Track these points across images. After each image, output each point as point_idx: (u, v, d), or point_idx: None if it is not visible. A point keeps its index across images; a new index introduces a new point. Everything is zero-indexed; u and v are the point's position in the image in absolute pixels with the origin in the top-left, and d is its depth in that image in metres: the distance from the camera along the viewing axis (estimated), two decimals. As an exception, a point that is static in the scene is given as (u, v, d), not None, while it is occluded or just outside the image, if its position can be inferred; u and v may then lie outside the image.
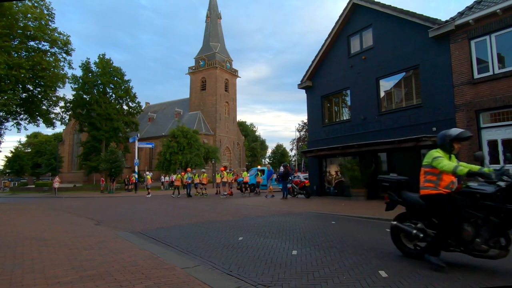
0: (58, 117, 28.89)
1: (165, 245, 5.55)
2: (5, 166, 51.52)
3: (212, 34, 54.99)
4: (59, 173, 37.86)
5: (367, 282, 3.45)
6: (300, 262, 4.32)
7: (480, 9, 10.00)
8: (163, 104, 61.16)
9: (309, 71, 16.86)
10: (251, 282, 3.51)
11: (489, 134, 9.93)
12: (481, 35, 10.04)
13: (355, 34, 14.82)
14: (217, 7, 57.42)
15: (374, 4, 13.59)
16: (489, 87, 9.80)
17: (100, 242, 5.60)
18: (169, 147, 35.42)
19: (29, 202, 19.28)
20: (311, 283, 3.46)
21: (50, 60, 24.51)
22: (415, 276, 3.61)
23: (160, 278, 3.47)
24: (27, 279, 3.47)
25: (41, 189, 37.71)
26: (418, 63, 11.91)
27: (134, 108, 43.22)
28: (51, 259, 4.40)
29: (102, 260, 4.27)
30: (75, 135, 55.90)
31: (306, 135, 46.52)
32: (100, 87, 39.64)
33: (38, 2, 23.39)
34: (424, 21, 11.52)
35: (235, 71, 56.85)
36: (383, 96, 13.63)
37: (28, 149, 59.31)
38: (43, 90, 24.67)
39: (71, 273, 3.70)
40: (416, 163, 12.16)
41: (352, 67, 14.67)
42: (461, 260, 4.20)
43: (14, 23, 21.62)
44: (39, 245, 5.39)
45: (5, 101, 20.75)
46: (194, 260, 4.43)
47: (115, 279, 3.44)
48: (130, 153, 41.12)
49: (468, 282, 3.38)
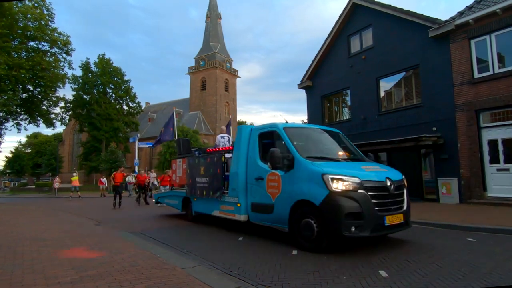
0: (58, 117, 28.92)
1: (165, 245, 5.55)
2: (5, 167, 51.58)
3: (212, 34, 54.96)
4: (59, 173, 37.85)
5: (367, 282, 3.44)
6: (300, 262, 4.32)
7: (480, 8, 9.99)
8: (163, 104, 61.13)
9: (309, 71, 16.85)
10: (251, 282, 3.51)
11: (489, 134, 9.92)
12: (481, 35, 10.03)
13: (355, 34, 14.81)
14: (217, 7, 57.42)
15: (374, 4, 13.58)
16: (489, 87, 9.79)
17: (100, 242, 5.60)
18: (169, 147, 35.43)
19: (29, 203, 19.28)
20: (311, 283, 3.46)
21: (50, 60, 24.51)
22: (415, 275, 3.61)
23: (160, 278, 3.46)
24: (27, 280, 3.47)
25: (41, 190, 37.72)
26: (418, 63, 11.90)
27: (134, 108, 43.24)
28: (51, 259, 4.40)
29: (102, 260, 4.27)
30: (75, 135, 55.90)
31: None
32: (100, 87, 39.65)
33: (38, 3, 23.39)
34: (424, 21, 11.51)
35: (235, 71, 56.83)
36: (383, 96, 13.63)
37: (28, 150, 59.30)
38: (43, 90, 24.68)
39: (71, 273, 3.69)
40: (416, 163, 12.17)
41: (352, 67, 14.65)
42: (461, 259, 4.21)
43: (14, 23, 21.62)
44: (39, 245, 5.39)
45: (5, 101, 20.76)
46: (194, 260, 4.43)
47: (115, 279, 3.44)
48: (130, 153, 41.11)
49: (469, 282, 3.38)
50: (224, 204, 6.74)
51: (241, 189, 6.17)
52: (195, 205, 8.14)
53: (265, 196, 5.60)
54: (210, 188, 7.22)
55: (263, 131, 6.14)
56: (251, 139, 6.26)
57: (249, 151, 6.21)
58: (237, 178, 6.24)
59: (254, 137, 6.18)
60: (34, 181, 52.77)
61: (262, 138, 6.12)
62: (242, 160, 6.23)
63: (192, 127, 42.55)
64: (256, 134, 6.17)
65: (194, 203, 8.20)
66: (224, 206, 6.75)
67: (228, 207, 6.59)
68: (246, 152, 6.24)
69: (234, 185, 6.36)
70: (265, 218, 5.73)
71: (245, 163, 6.17)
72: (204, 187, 7.48)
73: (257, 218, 5.98)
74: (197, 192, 7.73)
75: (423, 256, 4.41)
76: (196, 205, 8.11)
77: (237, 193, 6.22)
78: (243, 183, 6.16)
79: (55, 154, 43.20)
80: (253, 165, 6.00)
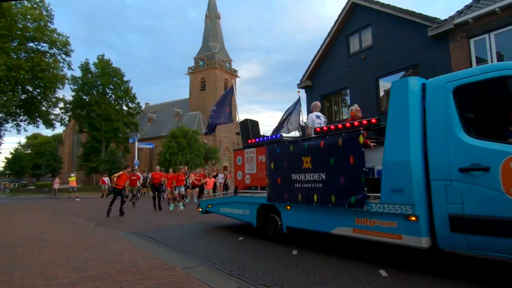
0: (57, 118, 29.03)
1: (165, 246, 5.55)
2: (5, 167, 51.51)
3: (212, 34, 54.93)
4: (59, 174, 37.83)
5: (367, 282, 3.45)
6: (300, 262, 4.32)
7: (479, 7, 10.00)
8: (162, 104, 61.10)
9: (308, 71, 16.85)
10: (251, 282, 3.51)
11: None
12: (480, 34, 10.03)
13: (354, 34, 14.82)
14: (216, 7, 57.37)
15: (373, 3, 13.59)
16: (489, 86, 9.78)
17: (100, 243, 5.60)
18: (169, 147, 35.43)
19: (29, 203, 19.26)
20: (311, 283, 3.46)
21: (49, 61, 24.57)
22: (415, 275, 3.61)
23: (160, 279, 3.46)
24: (27, 280, 3.47)
25: (41, 190, 37.67)
26: (417, 62, 11.91)
27: (134, 108, 43.22)
28: (51, 259, 4.40)
29: (102, 261, 4.27)
30: (75, 136, 55.84)
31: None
32: (100, 87, 39.61)
33: (37, 3, 23.41)
34: (424, 20, 11.52)
35: (234, 71, 56.80)
36: (383, 95, 13.63)
37: (28, 150, 59.22)
38: (43, 91, 24.72)
39: (71, 273, 3.69)
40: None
41: (351, 67, 14.66)
42: (461, 259, 4.21)
43: (14, 24, 21.66)
44: (39, 246, 5.39)
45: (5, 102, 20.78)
46: (194, 260, 4.43)
47: (115, 280, 3.44)
48: (130, 153, 41.05)
49: (469, 282, 3.38)
50: (369, 216, 4.12)
51: (418, 191, 3.60)
52: (289, 217, 5.36)
53: (499, 201, 3.04)
54: (330, 190, 4.59)
55: (470, 80, 3.46)
56: (432, 101, 3.70)
57: (430, 122, 3.67)
58: (405, 170, 3.68)
59: (442, 96, 3.61)
60: (34, 182, 52.69)
61: (465, 94, 3.52)
62: (413, 138, 3.71)
63: (192, 127, 42.50)
64: (448, 89, 3.58)
65: (286, 214, 5.42)
66: (369, 220, 4.13)
67: (381, 222, 3.99)
68: (421, 125, 3.75)
69: (398, 184, 3.75)
70: (498, 245, 3.08)
71: (421, 143, 3.70)
72: (314, 188, 4.83)
73: (473, 244, 3.26)
74: (296, 197, 5.11)
75: (423, 256, 4.41)
76: (290, 217, 5.34)
77: (408, 198, 3.62)
78: (421, 180, 3.63)
79: (55, 155, 43.18)
80: (451, 146, 3.43)
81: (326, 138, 4.77)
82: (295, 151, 5.25)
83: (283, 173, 5.42)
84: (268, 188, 5.74)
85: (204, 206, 7.80)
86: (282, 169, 5.44)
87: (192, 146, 35.89)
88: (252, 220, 6.20)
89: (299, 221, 5.17)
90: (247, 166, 6.59)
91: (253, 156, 6.47)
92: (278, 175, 5.52)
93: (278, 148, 5.61)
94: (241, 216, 6.54)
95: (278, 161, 5.57)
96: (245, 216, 6.43)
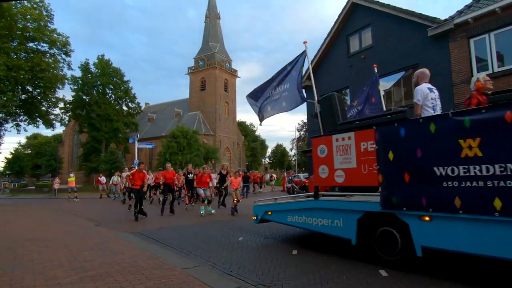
0: (57, 118, 29.02)
1: (165, 246, 5.55)
2: (5, 168, 51.50)
3: (212, 34, 54.95)
4: (59, 174, 37.83)
5: (367, 282, 3.45)
6: (300, 262, 4.32)
7: (479, 7, 10.00)
8: (162, 104, 61.14)
9: (308, 71, 16.86)
10: (251, 282, 3.51)
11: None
12: (480, 34, 10.03)
13: (354, 34, 14.83)
14: (216, 7, 57.40)
15: (373, 3, 13.60)
16: (489, 86, 9.79)
17: (100, 243, 5.60)
18: (169, 147, 35.43)
19: (29, 203, 19.26)
20: (311, 283, 3.46)
21: (49, 61, 24.57)
22: (415, 275, 3.61)
23: (160, 279, 3.47)
24: (27, 280, 3.47)
25: (41, 190, 37.68)
26: (417, 62, 11.90)
27: (134, 108, 43.22)
28: (51, 260, 4.40)
29: (102, 261, 4.27)
30: (75, 136, 55.87)
31: (306, 135, 46.54)
32: (100, 88, 39.62)
33: (37, 3, 23.42)
34: (423, 20, 11.53)
35: (234, 71, 56.84)
36: (383, 95, 13.60)
37: (28, 150, 59.21)
38: (43, 91, 24.72)
39: (71, 274, 3.69)
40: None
41: (351, 67, 14.67)
42: (461, 259, 4.21)
43: (13, 24, 21.67)
44: (39, 246, 5.39)
45: (5, 102, 20.78)
46: (194, 260, 4.44)
47: (115, 280, 3.44)
48: (130, 153, 41.08)
49: (469, 283, 3.38)
50: None
51: None
52: (428, 232, 3.58)
53: None
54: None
55: None
56: None
57: None
58: None
59: None
60: (34, 182, 52.72)
61: None
62: None
63: (192, 127, 42.52)
64: None
65: (421, 229, 3.63)
66: None
67: None
68: None
69: None
70: None
71: None
72: (491, 189, 3.09)
73: None
74: (448, 203, 3.36)
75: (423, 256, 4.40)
76: (430, 233, 3.56)
77: None
78: None
79: (55, 155, 43.20)
80: None
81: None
82: (442, 132, 3.52)
83: (415, 167, 3.71)
84: (382, 189, 4.00)
85: (260, 213, 5.96)
86: (414, 160, 3.72)
87: (192, 146, 35.90)
88: (349, 234, 4.42)
89: (451, 240, 3.37)
90: (338, 158, 4.75)
91: (349, 144, 4.63)
92: (404, 170, 3.79)
93: (403, 129, 3.88)
94: (328, 228, 4.74)
95: (403, 149, 3.86)
96: (336, 229, 4.63)
